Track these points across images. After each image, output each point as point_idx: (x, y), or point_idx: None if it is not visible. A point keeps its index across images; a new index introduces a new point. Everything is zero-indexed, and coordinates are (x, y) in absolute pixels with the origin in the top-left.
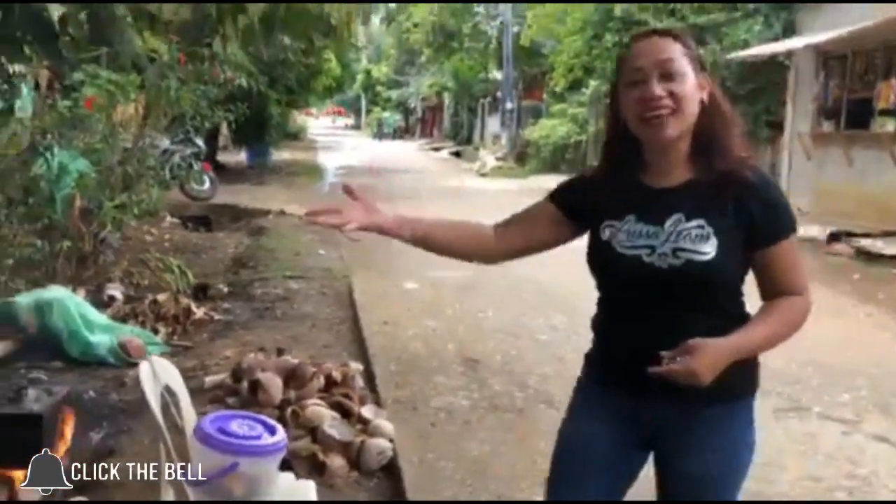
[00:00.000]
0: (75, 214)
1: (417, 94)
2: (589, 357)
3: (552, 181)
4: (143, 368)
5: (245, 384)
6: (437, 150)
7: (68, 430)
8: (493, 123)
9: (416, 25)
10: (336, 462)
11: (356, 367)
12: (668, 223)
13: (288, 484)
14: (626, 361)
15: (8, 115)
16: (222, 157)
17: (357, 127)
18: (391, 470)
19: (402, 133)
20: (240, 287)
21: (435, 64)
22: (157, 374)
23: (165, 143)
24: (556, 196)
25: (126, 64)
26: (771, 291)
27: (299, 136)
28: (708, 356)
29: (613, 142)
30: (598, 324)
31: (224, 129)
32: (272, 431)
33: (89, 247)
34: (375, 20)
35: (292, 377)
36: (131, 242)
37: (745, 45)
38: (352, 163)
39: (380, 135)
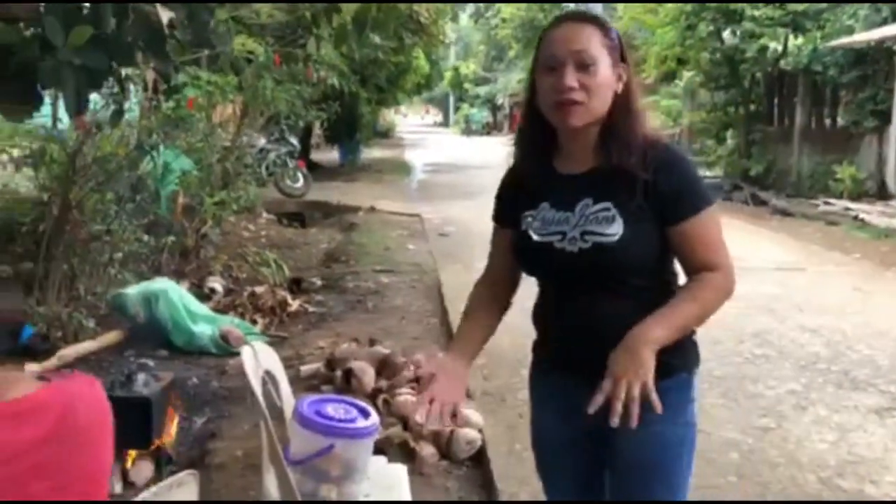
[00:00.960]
0: (179, 211)
1: (505, 89)
2: (533, 345)
3: None
4: (246, 353)
5: (339, 373)
6: None
7: (174, 414)
8: None
9: (504, 21)
10: (426, 450)
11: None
12: (577, 208)
13: (381, 467)
14: (558, 346)
15: (119, 117)
16: (315, 156)
17: (445, 124)
18: (480, 459)
19: (490, 129)
20: (332, 280)
21: (523, 59)
22: (259, 359)
23: (262, 141)
24: (495, 216)
25: (224, 66)
26: (689, 268)
27: (388, 134)
28: (620, 363)
29: (528, 126)
30: (534, 311)
31: (316, 128)
32: (366, 415)
33: (191, 241)
34: (464, 17)
35: (384, 367)
36: (230, 237)
37: (850, 31)
38: (438, 160)
39: (467, 131)
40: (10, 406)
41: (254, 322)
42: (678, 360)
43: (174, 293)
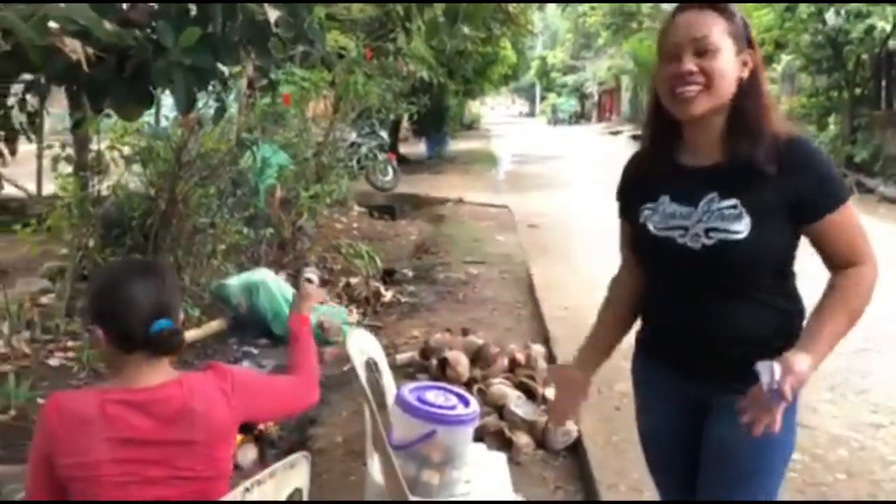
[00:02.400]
0: (276, 204)
1: (594, 77)
2: (638, 336)
3: None
4: (351, 339)
5: (434, 361)
6: (615, 133)
7: None
8: None
9: (593, 8)
10: (522, 440)
11: (539, 349)
12: (701, 203)
13: (481, 454)
14: (668, 344)
15: (222, 114)
16: (403, 149)
17: (531, 114)
18: (576, 450)
19: (578, 118)
20: (423, 272)
21: (612, 46)
22: (362, 346)
23: (353, 136)
24: (619, 209)
25: (316, 61)
26: (832, 264)
27: (474, 126)
28: (792, 378)
29: (652, 119)
30: (645, 305)
31: (405, 122)
32: (466, 403)
33: (288, 234)
34: (551, 6)
35: (478, 357)
36: (324, 230)
37: None
38: (525, 151)
39: (554, 120)
40: (133, 394)
41: (349, 312)
42: None
43: (273, 283)
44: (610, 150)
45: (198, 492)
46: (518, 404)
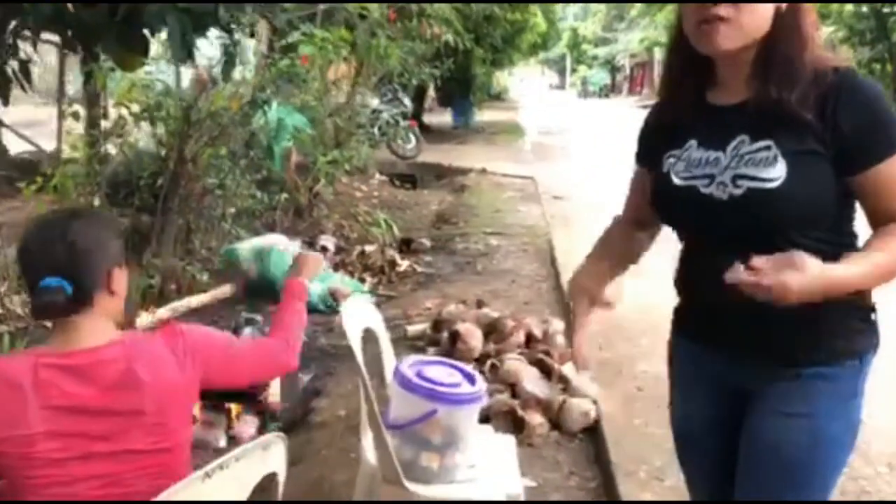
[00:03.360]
0: (292, 168)
1: (626, 50)
2: (675, 310)
3: None
4: (346, 308)
5: (445, 335)
6: (645, 107)
7: None
8: None
9: None
10: (535, 419)
11: (558, 324)
12: (730, 146)
13: (487, 436)
14: (704, 316)
15: (230, 67)
16: (428, 118)
17: (562, 87)
18: (594, 432)
19: (609, 91)
20: (442, 242)
21: (645, 17)
22: (359, 316)
23: (375, 102)
24: (637, 155)
25: (338, 22)
26: (877, 222)
27: (501, 97)
28: (805, 279)
29: (676, 55)
30: (676, 271)
31: (430, 91)
32: (472, 380)
33: (304, 200)
34: None
35: (492, 330)
36: (342, 197)
37: None
38: (552, 123)
39: (584, 93)
40: (67, 358)
41: (362, 281)
42: (847, 342)
43: (284, 250)
44: (639, 124)
45: (152, 466)
46: (533, 382)
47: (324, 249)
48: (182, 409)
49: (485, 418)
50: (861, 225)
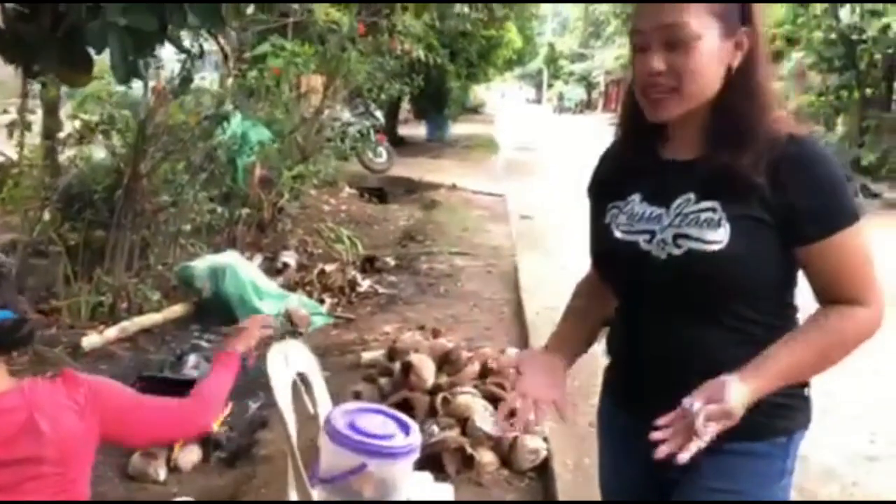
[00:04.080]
0: (255, 182)
1: (602, 67)
2: (605, 371)
3: None
4: (273, 353)
5: (398, 365)
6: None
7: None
8: None
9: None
10: (485, 457)
11: (514, 354)
12: (674, 204)
13: (424, 485)
14: (631, 380)
15: (187, 84)
16: (403, 131)
17: (538, 101)
18: (544, 471)
19: (584, 107)
20: (406, 260)
21: (622, 35)
22: (289, 359)
23: (346, 115)
24: (590, 210)
25: (311, 35)
26: (823, 299)
27: (478, 110)
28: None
29: (628, 105)
30: (609, 333)
31: (405, 103)
32: (406, 431)
33: (268, 214)
34: None
35: (446, 361)
36: (309, 211)
37: None
38: (527, 138)
39: (560, 109)
40: None
41: (321, 301)
42: (777, 419)
43: (242, 268)
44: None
45: None
46: (484, 418)
47: (285, 266)
48: (82, 459)
49: (435, 454)
50: (804, 298)
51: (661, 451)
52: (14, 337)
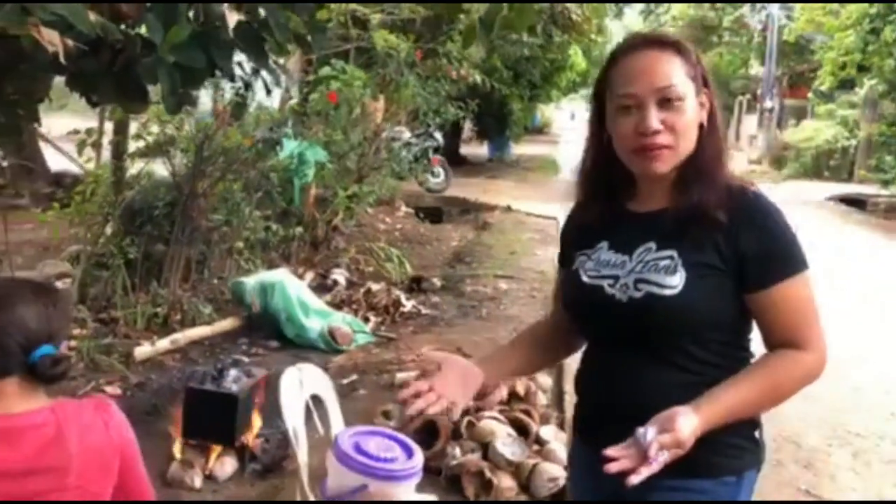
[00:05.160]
0: (310, 202)
1: None
2: (574, 409)
3: (811, 189)
4: (286, 376)
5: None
6: None
7: (260, 413)
8: (750, 123)
9: (674, 19)
10: (504, 482)
11: (544, 380)
12: (637, 252)
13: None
14: (591, 417)
15: (242, 110)
16: (465, 150)
17: None
18: (562, 498)
19: None
20: (452, 282)
21: None
22: (303, 383)
23: (406, 135)
24: (559, 257)
25: (373, 60)
26: (771, 343)
27: (544, 131)
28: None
29: (596, 161)
30: (576, 373)
31: (468, 124)
32: (409, 454)
33: (322, 233)
34: (633, 13)
35: None
36: (365, 229)
37: None
38: None
39: None
40: (4, 421)
41: (366, 320)
42: (727, 458)
43: (290, 285)
44: None
45: None
46: (505, 443)
47: (335, 283)
48: (106, 474)
49: (455, 477)
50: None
51: (613, 467)
52: (49, 373)
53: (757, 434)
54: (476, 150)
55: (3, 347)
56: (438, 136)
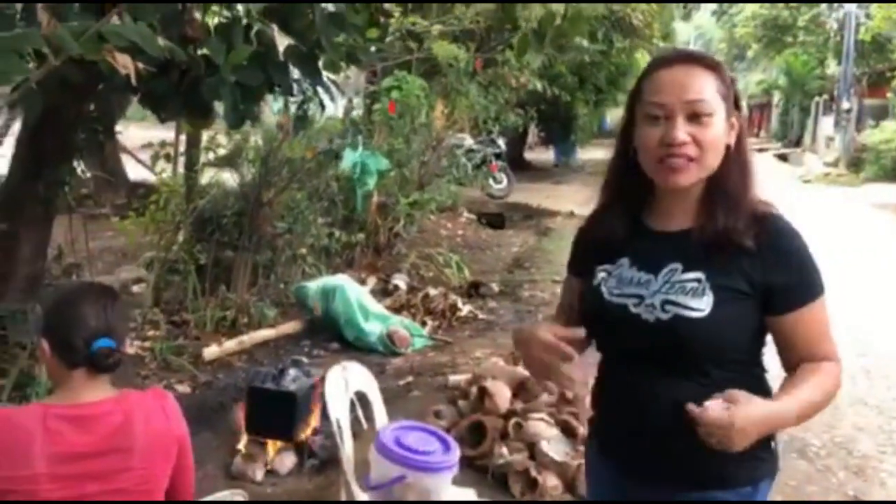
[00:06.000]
0: (373, 209)
1: (745, 90)
2: (590, 422)
3: (890, 192)
4: (331, 375)
5: (474, 389)
6: (761, 151)
7: (317, 411)
8: (826, 124)
9: (748, 19)
10: (550, 482)
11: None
12: (662, 272)
13: (466, 498)
14: (613, 433)
15: (303, 123)
16: (530, 155)
17: None
18: None
19: None
20: (510, 287)
21: (763, 59)
22: (348, 381)
23: (468, 142)
24: (569, 264)
25: (434, 70)
26: (794, 360)
27: (614, 134)
28: (751, 416)
29: (620, 172)
30: (594, 386)
31: (533, 129)
32: (446, 448)
33: (384, 239)
34: (706, 14)
35: (522, 388)
36: (426, 235)
37: None
38: None
39: None
40: (74, 409)
41: (423, 324)
42: (744, 469)
43: (350, 289)
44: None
45: None
46: (551, 444)
47: (396, 288)
48: (166, 456)
49: (502, 476)
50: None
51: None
52: (104, 363)
53: (773, 444)
54: (542, 155)
55: (69, 343)
56: (501, 142)
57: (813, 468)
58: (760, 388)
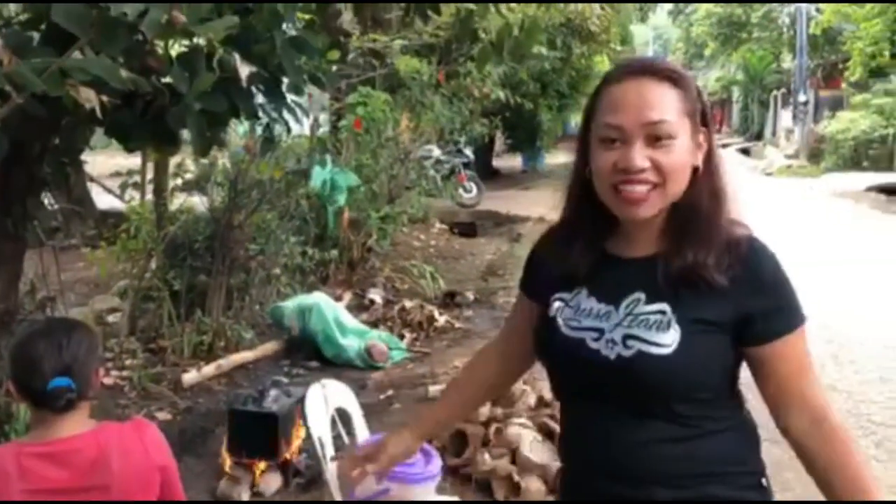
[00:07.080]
0: (345, 225)
1: (704, 88)
2: (558, 472)
3: (850, 181)
4: (311, 392)
5: None
6: (724, 146)
7: (300, 430)
8: (785, 117)
9: (703, 18)
10: (533, 485)
11: None
12: (624, 303)
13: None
14: (580, 483)
15: (269, 145)
16: (498, 163)
17: None
18: None
19: None
20: (485, 295)
21: (721, 56)
22: (328, 398)
23: (436, 153)
24: (522, 282)
25: (394, 84)
26: (778, 402)
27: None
28: None
29: (576, 192)
30: (560, 435)
31: (500, 136)
32: (428, 460)
33: (357, 254)
34: (662, 14)
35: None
36: (400, 248)
37: None
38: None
39: None
40: (47, 447)
41: (401, 336)
42: None
43: (326, 306)
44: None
45: None
46: (532, 447)
47: (372, 302)
48: (145, 490)
49: (486, 482)
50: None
51: None
52: (57, 404)
53: (764, 482)
54: (509, 162)
55: (28, 385)
56: (469, 151)
57: (787, 455)
58: (732, 425)
